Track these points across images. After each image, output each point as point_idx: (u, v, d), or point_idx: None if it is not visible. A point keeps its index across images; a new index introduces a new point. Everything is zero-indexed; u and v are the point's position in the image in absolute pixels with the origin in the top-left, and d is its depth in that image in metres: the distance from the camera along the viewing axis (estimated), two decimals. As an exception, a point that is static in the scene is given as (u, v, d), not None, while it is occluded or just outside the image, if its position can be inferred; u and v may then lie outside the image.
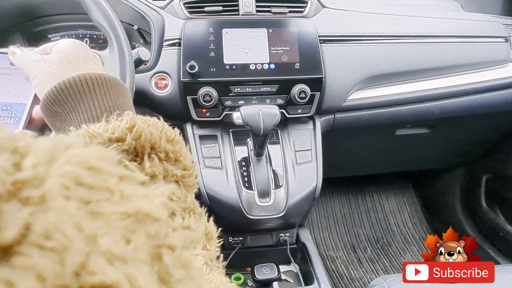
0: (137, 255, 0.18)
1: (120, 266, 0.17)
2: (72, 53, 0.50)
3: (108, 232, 0.17)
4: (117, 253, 0.17)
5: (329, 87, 1.01)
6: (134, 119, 0.41)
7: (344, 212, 1.80)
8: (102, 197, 0.19)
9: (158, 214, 0.21)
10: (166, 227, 0.21)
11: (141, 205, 0.20)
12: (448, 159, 1.60)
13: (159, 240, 0.20)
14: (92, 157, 0.20)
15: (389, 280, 0.84)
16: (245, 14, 1.03)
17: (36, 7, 1.04)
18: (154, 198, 0.22)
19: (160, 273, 0.20)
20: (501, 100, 1.16)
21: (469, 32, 1.14)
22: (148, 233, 0.20)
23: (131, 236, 0.18)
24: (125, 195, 0.20)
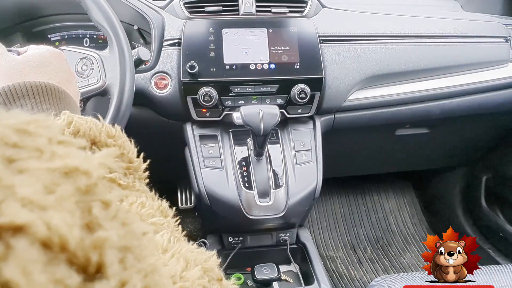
0: (60, 205, 0.17)
1: (37, 211, 0.16)
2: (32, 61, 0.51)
3: (29, 183, 0.17)
4: (36, 200, 0.17)
5: (329, 87, 1.01)
6: (72, 117, 0.42)
7: (344, 212, 1.80)
8: (30, 155, 0.18)
9: (89, 169, 0.20)
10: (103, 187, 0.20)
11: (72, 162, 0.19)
12: (448, 159, 1.60)
13: (91, 196, 0.19)
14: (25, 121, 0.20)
15: (389, 280, 0.84)
16: (245, 14, 1.03)
17: (36, 7, 1.04)
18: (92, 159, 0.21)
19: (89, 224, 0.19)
20: (501, 100, 1.16)
21: (469, 32, 1.14)
22: (77, 187, 0.19)
23: (55, 188, 0.18)
24: (57, 154, 0.19)
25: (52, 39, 1.10)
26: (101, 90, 0.75)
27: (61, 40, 1.11)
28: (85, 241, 0.18)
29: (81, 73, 0.77)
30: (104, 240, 0.19)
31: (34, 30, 1.08)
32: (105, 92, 0.76)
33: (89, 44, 1.12)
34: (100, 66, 0.76)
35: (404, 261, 1.62)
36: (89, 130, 0.42)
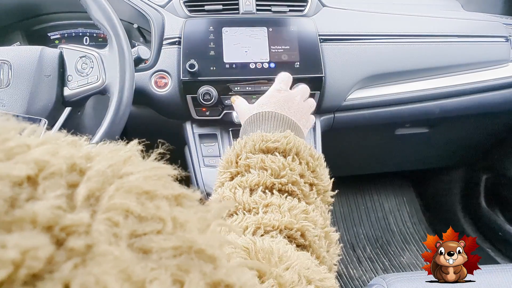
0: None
1: None
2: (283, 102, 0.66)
3: (158, 276, 0.16)
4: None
5: (329, 86, 1.01)
6: (290, 133, 0.56)
7: (343, 211, 1.80)
8: (153, 228, 0.17)
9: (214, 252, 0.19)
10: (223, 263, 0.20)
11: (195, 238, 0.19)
12: (448, 158, 1.60)
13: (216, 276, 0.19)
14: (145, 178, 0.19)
15: (388, 279, 0.84)
16: (245, 13, 1.03)
17: (36, 5, 1.04)
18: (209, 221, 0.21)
19: None
20: (501, 100, 1.16)
21: (469, 32, 1.14)
22: (204, 272, 0.18)
23: (184, 278, 0.17)
24: (178, 224, 0.19)
25: (52, 38, 1.10)
26: (101, 88, 0.75)
27: (61, 38, 1.10)
28: None
29: (80, 71, 0.77)
30: None
31: (34, 29, 1.07)
32: (104, 90, 0.75)
33: (89, 42, 1.12)
34: (99, 64, 0.76)
35: (404, 260, 1.62)
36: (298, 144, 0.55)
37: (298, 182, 0.52)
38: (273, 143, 0.54)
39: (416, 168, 1.68)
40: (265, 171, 0.52)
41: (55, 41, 1.10)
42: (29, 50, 0.76)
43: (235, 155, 0.56)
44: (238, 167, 0.55)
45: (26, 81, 0.73)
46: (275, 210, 0.48)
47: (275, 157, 0.53)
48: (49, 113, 0.75)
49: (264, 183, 0.51)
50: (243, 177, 0.53)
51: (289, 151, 0.54)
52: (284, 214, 0.47)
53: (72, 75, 0.78)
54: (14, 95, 0.72)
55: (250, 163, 0.54)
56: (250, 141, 0.56)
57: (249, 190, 0.51)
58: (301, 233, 0.47)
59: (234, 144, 0.58)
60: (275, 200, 0.49)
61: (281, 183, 0.51)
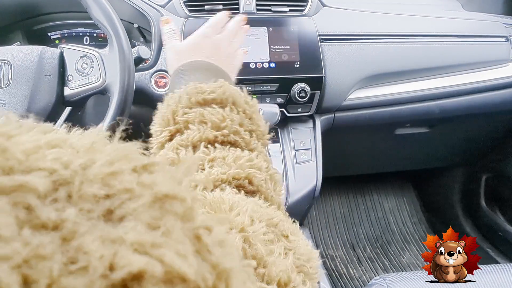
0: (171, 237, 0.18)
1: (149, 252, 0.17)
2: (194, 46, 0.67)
3: (132, 227, 0.18)
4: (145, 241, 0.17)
5: (329, 86, 1.01)
6: (224, 83, 0.56)
7: (343, 211, 1.80)
8: (122, 199, 0.19)
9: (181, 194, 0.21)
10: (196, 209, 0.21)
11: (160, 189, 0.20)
12: (448, 158, 1.60)
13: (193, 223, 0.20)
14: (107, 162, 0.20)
15: (388, 279, 0.84)
16: (245, 12, 1.03)
17: (37, 5, 1.04)
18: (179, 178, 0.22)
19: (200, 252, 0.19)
20: (501, 99, 1.16)
21: (469, 32, 1.14)
22: (176, 214, 0.20)
23: (158, 223, 0.18)
24: (145, 185, 0.20)
25: (52, 37, 1.10)
26: (101, 88, 0.75)
27: (61, 38, 1.10)
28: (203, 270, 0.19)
29: (81, 71, 0.77)
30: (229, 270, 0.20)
31: (34, 28, 1.07)
32: (105, 90, 0.76)
33: (89, 42, 1.12)
34: (100, 64, 0.76)
35: (404, 260, 1.62)
36: (233, 93, 0.55)
37: (238, 131, 0.53)
38: (209, 95, 0.54)
39: (416, 168, 1.68)
40: (205, 124, 0.52)
41: (55, 41, 1.10)
42: (29, 50, 0.76)
43: (171, 112, 0.54)
44: (176, 123, 0.54)
45: (26, 81, 0.73)
46: (221, 163, 0.49)
47: (214, 109, 0.53)
48: (49, 113, 0.75)
49: (206, 138, 0.51)
50: (183, 135, 0.52)
51: (226, 101, 0.54)
52: (230, 166, 0.48)
53: (73, 75, 0.78)
54: (14, 94, 0.72)
55: (188, 119, 0.53)
56: (184, 95, 0.55)
57: (191, 148, 0.51)
58: (249, 180, 0.49)
59: (168, 100, 0.57)
60: (219, 153, 0.50)
61: (223, 134, 0.52)
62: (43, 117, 0.74)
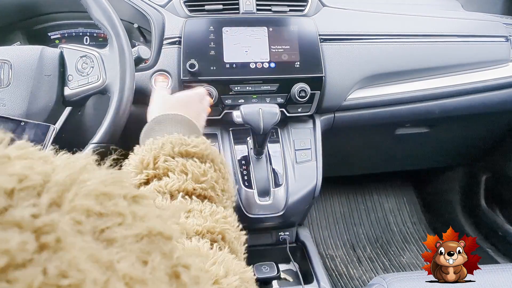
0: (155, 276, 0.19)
1: None
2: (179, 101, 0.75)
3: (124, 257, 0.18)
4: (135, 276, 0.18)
5: (329, 86, 1.01)
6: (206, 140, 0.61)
7: (343, 211, 1.80)
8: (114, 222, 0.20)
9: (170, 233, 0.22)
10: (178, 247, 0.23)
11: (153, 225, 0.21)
12: (448, 158, 1.60)
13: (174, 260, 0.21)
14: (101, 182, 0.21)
15: (388, 279, 0.84)
16: (245, 12, 1.03)
17: (37, 5, 1.04)
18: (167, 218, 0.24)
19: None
20: (501, 99, 1.16)
21: (469, 32, 1.14)
22: (163, 253, 0.21)
23: (147, 258, 0.19)
24: (137, 217, 0.21)
25: (52, 37, 1.10)
26: (101, 88, 0.75)
27: (61, 38, 1.11)
28: None
29: (81, 71, 0.77)
30: None
31: (34, 28, 1.07)
32: (105, 90, 0.76)
33: (89, 42, 1.12)
34: (100, 64, 0.76)
35: (404, 260, 1.62)
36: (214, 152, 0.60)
37: (215, 188, 0.56)
38: (192, 148, 0.57)
39: (416, 168, 1.68)
40: (185, 175, 0.53)
41: (55, 41, 1.10)
42: (30, 50, 0.76)
43: (153, 156, 0.55)
44: (156, 169, 0.54)
45: (26, 81, 0.73)
46: (197, 215, 0.49)
47: (195, 163, 0.55)
48: (49, 113, 0.75)
49: (185, 188, 0.52)
50: (161, 181, 0.53)
51: (206, 158, 0.58)
52: (206, 219, 0.49)
53: (73, 75, 0.78)
54: (14, 94, 0.72)
55: (169, 166, 0.54)
56: (168, 143, 0.56)
57: (169, 195, 0.51)
58: (222, 236, 0.50)
59: (150, 145, 0.58)
60: (196, 205, 0.51)
61: (202, 188, 0.54)
62: (43, 117, 0.74)
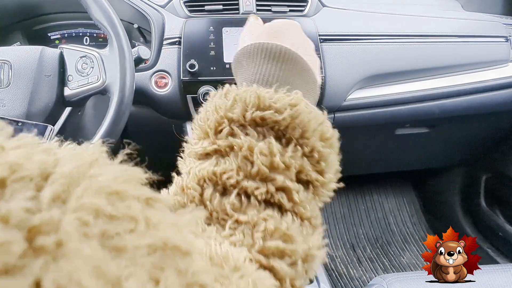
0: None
1: None
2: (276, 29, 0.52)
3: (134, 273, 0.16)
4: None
5: (329, 86, 1.01)
6: (300, 100, 0.41)
7: (343, 211, 1.80)
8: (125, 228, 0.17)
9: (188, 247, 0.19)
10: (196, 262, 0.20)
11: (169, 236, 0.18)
12: (448, 158, 1.60)
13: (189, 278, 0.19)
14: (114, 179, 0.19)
15: (388, 279, 0.84)
16: (245, 13, 1.03)
17: (37, 5, 1.04)
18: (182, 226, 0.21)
19: None
20: (501, 100, 1.16)
21: (469, 32, 1.14)
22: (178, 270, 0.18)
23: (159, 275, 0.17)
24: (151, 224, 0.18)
25: (52, 38, 1.10)
26: (101, 88, 0.75)
27: (61, 38, 1.11)
28: None
29: (81, 71, 0.77)
30: None
31: (34, 29, 1.08)
32: (105, 90, 0.76)
33: (89, 42, 1.12)
34: (100, 64, 0.76)
35: (403, 260, 1.62)
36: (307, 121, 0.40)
37: (290, 189, 0.37)
38: (272, 115, 0.39)
39: (416, 168, 1.68)
40: (250, 165, 0.37)
41: (55, 41, 1.10)
42: (30, 50, 0.76)
43: (214, 122, 0.41)
44: (216, 143, 0.40)
45: (26, 81, 0.73)
46: (247, 231, 0.35)
47: (270, 145, 0.38)
48: (49, 113, 0.75)
49: (243, 188, 0.37)
50: (219, 167, 0.38)
51: (292, 131, 0.39)
52: (255, 242, 0.35)
53: (73, 75, 0.78)
54: (14, 95, 0.72)
55: (233, 145, 0.38)
56: (240, 103, 0.40)
57: (221, 188, 0.38)
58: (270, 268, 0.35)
59: (216, 101, 0.44)
60: (250, 216, 0.36)
61: (267, 191, 0.37)
62: (43, 117, 0.74)
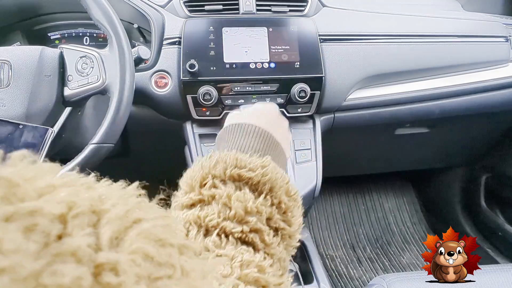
0: None
1: None
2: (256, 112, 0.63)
3: None
4: None
5: (329, 86, 1.01)
6: (269, 162, 0.51)
7: (343, 211, 1.81)
8: (166, 273, 0.19)
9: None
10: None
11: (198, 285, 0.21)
12: (448, 158, 1.60)
13: None
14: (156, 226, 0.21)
15: (388, 279, 0.84)
16: (245, 13, 1.03)
17: (37, 5, 1.04)
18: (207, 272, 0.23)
19: None
20: (501, 100, 1.16)
21: (469, 32, 1.14)
22: None
23: None
24: (185, 271, 0.21)
25: (52, 38, 1.10)
26: (101, 88, 0.75)
27: (61, 38, 1.11)
28: None
29: (81, 71, 0.77)
30: None
31: (34, 29, 1.08)
32: (105, 90, 0.76)
33: (89, 42, 1.12)
34: (100, 64, 0.76)
35: (404, 260, 1.62)
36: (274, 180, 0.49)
37: (261, 230, 0.46)
38: (247, 172, 0.49)
39: (416, 168, 1.68)
40: (229, 209, 0.46)
41: (55, 41, 1.10)
42: (29, 50, 0.76)
43: (200, 178, 0.49)
44: (200, 194, 0.48)
45: (26, 81, 0.73)
46: (226, 263, 0.42)
47: (244, 195, 0.47)
48: (49, 113, 0.75)
49: (223, 228, 0.45)
50: (202, 212, 0.46)
51: (263, 186, 0.49)
52: (234, 272, 0.41)
53: (72, 75, 0.78)
54: (14, 95, 0.72)
55: (215, 194, 0.47)
56: (221, 163, 0.49)
57: (204, 230, 0.45)
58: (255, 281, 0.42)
59: (203, 160, 0.52)
60: (228, 251, 0.43)
61: (242, 231, 0.45)
62: (43, 118, 0.74)
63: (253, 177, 0.48)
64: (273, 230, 0.48)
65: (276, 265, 0.46)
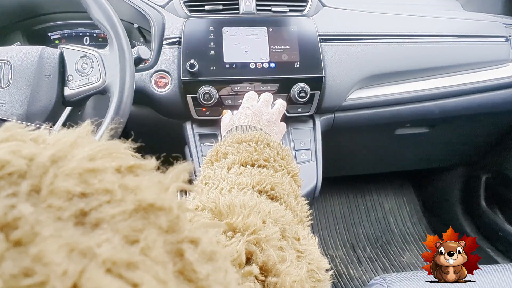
0: (150, 255, 0.16)
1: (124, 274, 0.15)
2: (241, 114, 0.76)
3: (107, 239, 0.16)
4: (120, 259, 0.15)
5: (329, 86, 1.01)
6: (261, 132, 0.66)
7: (343, 211, 1.81)
8: (100, 201, 0.17)
9: (164, 203, 0.18)
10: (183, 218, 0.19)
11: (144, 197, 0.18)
12: (448, 158, 1.60)
13: (177, 235, 0.18)
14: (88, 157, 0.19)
15: (388, 279, 0.84)
16: (245, 13, 1.03)
17: (37, 5, 1.04)
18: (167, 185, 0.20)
19: (184, 271, 0.18)
20: (501, 100, 1.16)
21: (469, 32, 1.14)
22: (159, 227, 0.17)
23: (138, 236, 0.16)
24: (129, 190, 0.18)
25: (52, 38, 1.10)
26: (101, 88, 0.75)
27: (61, 38, 1.11)
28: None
29: (81, 71, 0.77)
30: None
31: (34, 29, 1.08)
32: (105, 90, 0.76)
33: (89, 42, 1.12)
34: (100, 64, 0.76)
35: (403, 260, 1.62)
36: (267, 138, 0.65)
37: (269, 159, 0.60)
38: (246, 137, 0.64)
39: (416, 168, 1.68)
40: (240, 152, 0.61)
41: (55, 41, 1.10)
42: (29, 50, 0.76)
43: (215, 150, 0.65)
44: (218, 156, 0.63)
45: (26, 81, 0.73)
46: (247, 174, 0.55)
47: (249, 145, 0.62)
48: (49, 113, 0.75)
49: (239, 160, 0.59)
50: (220, 162, 0.61)
51: (260, 141, 0.63)
52: (255, 176, 0.55)
53: (73, 75, 0.78)
54: (14, 95, 0.72)
55: (227, 151, 0.62)
56: (227, 139, 0.65)
57: (226, 168, 0.59)
58: (271, 187, 0.54)
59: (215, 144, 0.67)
60: (248, 171, 0.57)
61: (253, 159, 0.60)
62: (43, 117, 0.74)
63: (251, 138, 0.64)
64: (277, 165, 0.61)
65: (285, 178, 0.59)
